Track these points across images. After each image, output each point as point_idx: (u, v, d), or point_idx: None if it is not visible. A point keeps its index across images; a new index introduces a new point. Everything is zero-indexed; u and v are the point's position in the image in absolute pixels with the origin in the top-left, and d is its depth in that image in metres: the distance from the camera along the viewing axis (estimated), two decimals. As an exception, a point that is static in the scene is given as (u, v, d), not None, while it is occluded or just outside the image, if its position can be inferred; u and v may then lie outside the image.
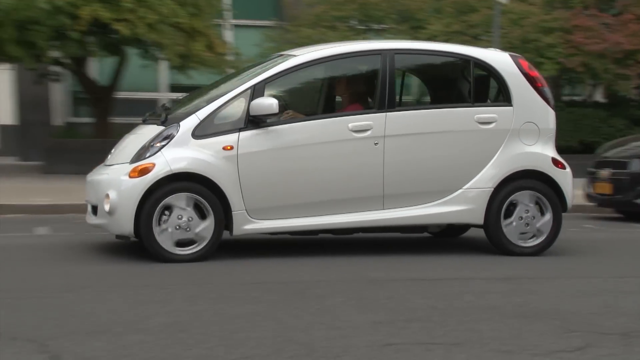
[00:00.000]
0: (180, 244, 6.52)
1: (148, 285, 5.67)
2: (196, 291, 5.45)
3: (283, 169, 6.74)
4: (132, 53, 16.58)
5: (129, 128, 19.33)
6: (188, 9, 15.01)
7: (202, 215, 6.54)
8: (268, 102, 6.50)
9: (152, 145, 6.59)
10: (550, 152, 7.19)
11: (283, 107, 7.02)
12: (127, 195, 6.39)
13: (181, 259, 6.47)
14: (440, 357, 3.81)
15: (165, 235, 6.45)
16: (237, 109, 6.68)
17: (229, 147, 6.56)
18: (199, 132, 6.57)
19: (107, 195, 6.45)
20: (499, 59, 7.35)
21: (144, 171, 6.40)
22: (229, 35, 19.52)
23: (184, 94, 8.16)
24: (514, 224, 7.07)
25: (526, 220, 7.05)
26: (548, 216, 7.09)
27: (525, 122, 7.09)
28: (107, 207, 6.45)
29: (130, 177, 6.44)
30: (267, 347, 3.96)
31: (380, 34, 18.75)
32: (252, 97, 6.60)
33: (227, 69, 16.63)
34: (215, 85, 7.83)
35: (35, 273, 6.06)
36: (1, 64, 16.09)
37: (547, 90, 7.34)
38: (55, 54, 15.38)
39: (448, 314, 4.78)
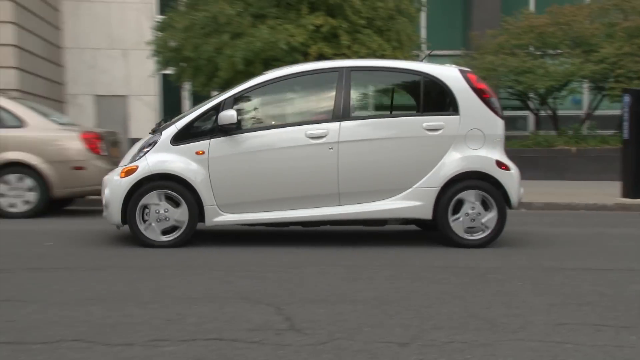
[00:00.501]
0: (165, 232, 6.70)
1: (357, 265, 5.83)
2: (396, 272, 5.54)
3: (248, 170, 6.74)
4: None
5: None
6: (392, 44, 15.37)
7: (176, 206, 6.69)
8: (230, 114, 6.56)
9: (141, 151, 6.83)
10: (496, 155, 6.87)
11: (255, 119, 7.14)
12: (116, 192, 6.65)
13: (162, 245, 6.67)
14: (610, 338, 3.69)
15: (149, 225, 6.69)
16: (210, 119, 6.77)
17: (201, 152, 6.68)
18: (177, 139, 6.71)
19: (103, 192, 6.81)
20: (447, 73, 7.03)
21: (129, 172, 6.66)
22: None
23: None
24: (461, 219, 6.77)
25: (472, 216, 6.79)
26: (493, 212, 6.81)
27: (471, 129, 6.80)
28: (103, 202, 6.81)
29: (120, 177, 6.70)
30: (455, 320, 4.03)
31: (555, 59, 18.38)
32: (221, 109, 6.68)
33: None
34: (204, 102, 7.83)
35: (273, 252, 6.33)
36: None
37: (494, 100, 6.99)
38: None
39: (617, 300, 4.61)
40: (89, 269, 5.58)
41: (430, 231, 7.79)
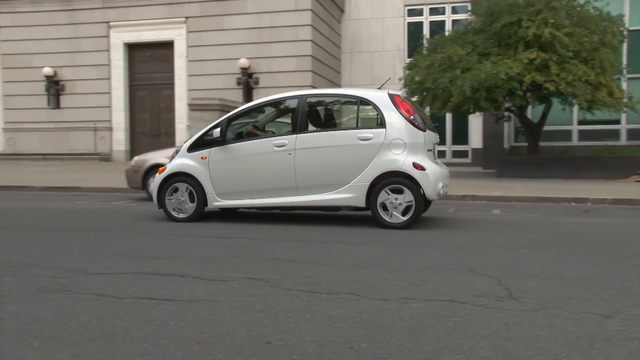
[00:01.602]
0: (178, 210, 7.39)
1: (564, 250, 5.33)
2: (598, 257, 5.03)
3: (234, 169, 7.13)
4: (555, 101, 15.98)
5: (551, 149, 18.86)
6: (595, 70, 14.09)
7: (191, 197, 7.29)
8: (216, 131, 7.11)
9: (172, 157, 7.63)
10: (413, 158, 6.60)
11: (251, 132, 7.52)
12: (155, 184, 7.49)
13: (178, 220, 7.31)
14: None
15: (169, 205, 7.42)
16: (211, 135, 7.23)
17: (204, 157, 7.23)
18: (191, 149, 7.36)
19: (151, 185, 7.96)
20: (378, 96, 6.86)
21: (161, 170, 7.49)
22: (625, 85, 17.72)
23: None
24: (387, 207, 6.65)
25: (394, 204, 6.64)
26: (411, 202, 6.59)
27: (395, 139, 6.62)
28: (150, 191, 7.95)
29: (158, 173, 7.50)
30: None
31: None
32: (215, 128, 7.19)
33: (624, 109, 15.38)
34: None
35: (494, 237, 6.05)
36: (476, 113, 16.84)
37: (414, 117, 6.76)
38: (507, 104, 15.58)
39: None
40: (355, 243, 5.75)
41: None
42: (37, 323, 3.09)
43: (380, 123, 6.76)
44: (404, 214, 6.66)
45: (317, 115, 7.53)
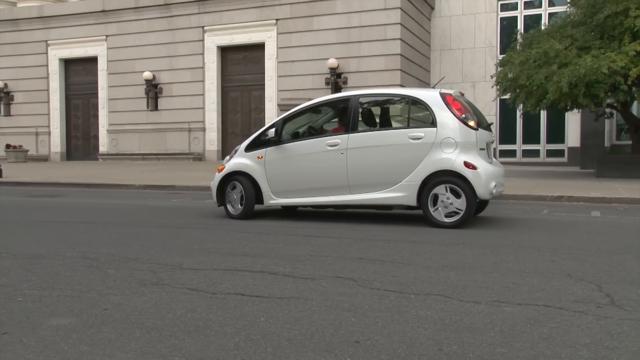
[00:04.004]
0: (235, 208, 7.66)
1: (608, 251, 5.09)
2: None
3: (289, 168, 7.27)
4: (665, 96, 14.87)
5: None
6: None
7: (247, 194, 7.51)
8: (271, 131, 7.32)
9: (230, 156, 7.82)
10: (465, 157, 6.53)
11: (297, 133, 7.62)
12: (214, 182, 7.74)
13: (235, 216, 7.58)
14: None
15: (228, 204, 7.71)
16: (267, 135, 7.40)
17: (260, 157, 7.41)
18: (248, 148, 7.57)
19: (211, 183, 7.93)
20: (429, 95, 6.87)
21: (220, 170, 7.72)
22: None
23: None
24: (439, 206, 6.64)
25: (446, 203, 6.60)
26: (462, 201, 6.51)
27: (446, 138, 6.59)
28: (211, 189, 7.89)
29: (217, 172, 7.75)
30: None
31: None
32: (271, 128, 7.39)
33: None
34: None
35: (596, 240, 5.75)
36: (573, 110, 15.99)
37: (466, 116, 6.71)
38: (609, 100, 14.67)
39: None
40: (445, 244, 5.64)
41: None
42: (138, 314, 3.27)
43: (432, 122, 6.73)
44: (454, 213, 6.63)
45: (368, 115, 7.56)
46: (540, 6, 21.77)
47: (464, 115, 6.72)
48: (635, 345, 2.75)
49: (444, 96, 6.81)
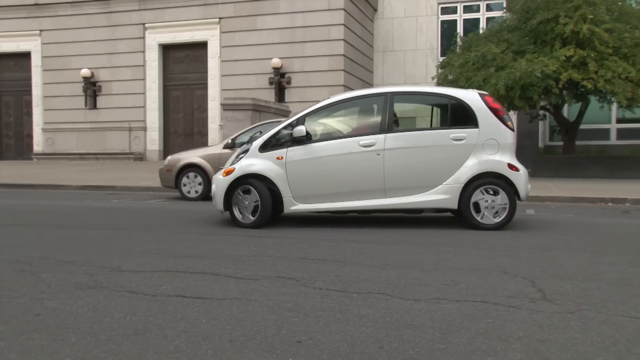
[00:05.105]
0: (247, 215, 6.77)
1: (600, 251, 5.20)
2: (636, 258, 4.89)
3: (315, 171, 6.63)
4: (592, 99, 15.64)
5: (588, 148, 18.50)
6: (637, 66, 13.72)
7: (264, 200, 6.66)
8: (302, 129, 6.55)
9: (237, 157, 6.95)
10: (507, 159, 6.58)
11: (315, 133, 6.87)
12: (220, 187, 6.77)
13: (246, 225, 6.70)
14: None
15: (237, 210, 6.81)
16: (287, 133, 6.70)
17: (280, 157, 6.64)
18: (263, 148, 6.73)
19: (212, 187, 7.03)
20: (469, 96, 6.70)
21: (229, 172, 6.77)
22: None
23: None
24: (481, 209, 6.55)
25: (490, 205, 6.55)
26: (505, 203, 6.53)
27: (488, 139, 6.54)
28: (212, 194, 6.99)
29: (223, 175, 6.82)
30: None
31: None
32: (295, 125, 6.62)
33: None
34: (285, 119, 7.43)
35: (527, 237, 5.95)
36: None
37: (506, 117, 6.70)
38: (542, 103, 15.29)
39: None
40: (385, 243, 5.72)
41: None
42: (73, 319, 3.16)
43: (473, 123, 6.63)
44: (496, 215, 6.61)
45: (403, 114, 7.29)
46: (478, 11, 22.43)
47: (504, 117, 6.72)
48: (564, 336, 2.87)
49: (483, 96, 6.76)
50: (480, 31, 18.34)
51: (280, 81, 20.64)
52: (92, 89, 23.01)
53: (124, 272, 4.30)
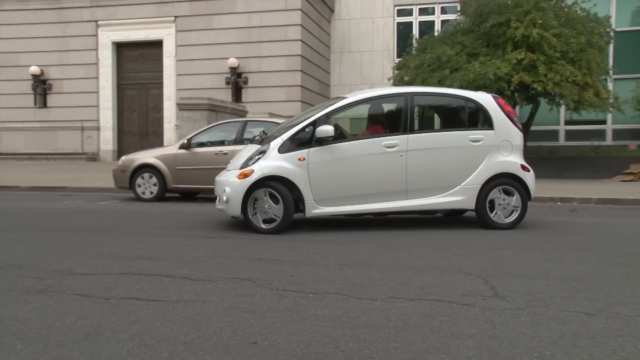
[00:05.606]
0: (266, 221, 6.33)
1: (550, 249, 5.38)
2: (583, 255, 5.08)
3: (338, 173, 6.40)
4: (542, 101, 16.12)
5: (539, 149, 18.95)
6: (582, 70, 14.25)
7: (287, 203, 6.27)
8: (329, 129, 6.28)
9: (253, 158, 6.45)
10: (520, 160, 6.84)
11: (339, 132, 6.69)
12: (237, 190, 6.30)
13: (265, 231, 6.28)
14: None
15: (255, 216, 6.37)
16: (308, 133, 6.41)
17: (302, 158, 6.33)
18: (282, 149, 6.36)
19: (225, 190, 6.43)
20: (484, 98, 6.91)
21: (247, 174, 6.30)
22: (611, 86, 17.92)
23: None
24: (496, 208, 6.75)
25: (503, 205, 6.76)
26: (519, 203, 6.77)
27: (503, 141, 6.75)
28: (224, 198, 6.41)
29: (238, 178, 6.34)
30: (638, 297, 3.61)
31: None
32: (317, 125, 6.36)
33: (610, 109, 15.57)
34: (294, 118, 7.41)
35: (481, 235, 6.07)
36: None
37: (516, 119, 6.97)
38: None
39: None
40: (341, 243, 5.75)
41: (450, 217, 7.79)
42: (20, 324, 3.05)
43: (488, 124, 6.78)
44: (509, 215, 6.79)
45: (423, 114, 7.25)
46: (433, 13, 22.80)
47: (515, 119, 6.89)
48: (515, 332, 2.95)
49: (496, 99, 6.92)
50: (435, 33, 18.67)
51: (237, 81, 20.48)
52: (42, 87, 22.32)
53: (76, 275, 4.19)
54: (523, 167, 6.80)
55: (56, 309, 3.33)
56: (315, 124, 6.41)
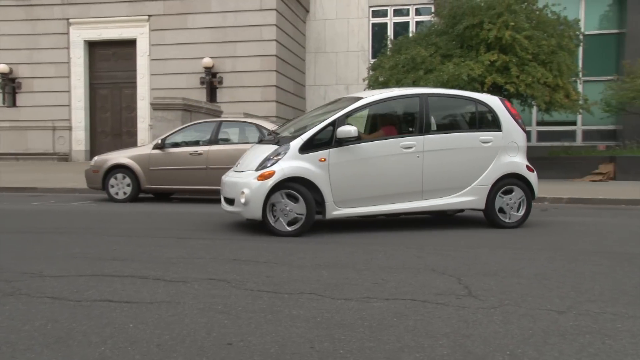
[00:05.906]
0: (290, 223, 6.18)
1: (521, 248, 5.48)
2: (554, 254, 5.17)
3: (359, 174, 6.39)
4: (515, 102, 16.35)
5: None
6: (553, 72, 14.52)
7: (309, 206, 6.17)
8: (351, 129, 6.24)
9: (271, 159, 6.26)
10: (525, 161, 7.07)
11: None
12: (257, 192, 6.11)
13: (289, 234, 6.14)
14: None
15: (278, 221, 6.20)
16: (327, 133, 6.31)
17: (323, 159, 6.27)
18: (303, 149, 6.23)
19: (243, 192, 6.20)
20: (493, 100, 7.14)
21: (267, 176, 6.11)
22: (580, 87, 18.28)
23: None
24: (504, 208, 6.94)
25: (510, 204, 6.96)
26: (524, 202, 6.99)
27: (510, 142, 6.97)
28: (243, 200, 6.20)
29: (258, 179, 6.14)
30: (606, 295, 3.70)
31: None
32: (338, 125, 6.29)
33: (580, 111, 15.90)
34: (306, 117, 7.58)
35: (454, 236, 6.13)
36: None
37: (521, 121, 7.19)
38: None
39: None
40: (316, 243, 5.76)
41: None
42: (-11, 328, 2.99)
43: (496, 126, 6.98)
44: (516, 214, 6.98)
45: (437, 116, 7.26)
46: (408, 14, 22.96)
47: (520, 120, 7.07)
48: (487, 330, 2.99)
49: (503, 101, 7.11)
50: (410, 34, 18.80)
51: (211, 81, 20.34)
52: (10, 85, 21.85)
53: (46, 277, 4.11)
54: (528, 168, 7.04)
55: (25, 312, 3.26)
56: (335, 124, 6.33)
